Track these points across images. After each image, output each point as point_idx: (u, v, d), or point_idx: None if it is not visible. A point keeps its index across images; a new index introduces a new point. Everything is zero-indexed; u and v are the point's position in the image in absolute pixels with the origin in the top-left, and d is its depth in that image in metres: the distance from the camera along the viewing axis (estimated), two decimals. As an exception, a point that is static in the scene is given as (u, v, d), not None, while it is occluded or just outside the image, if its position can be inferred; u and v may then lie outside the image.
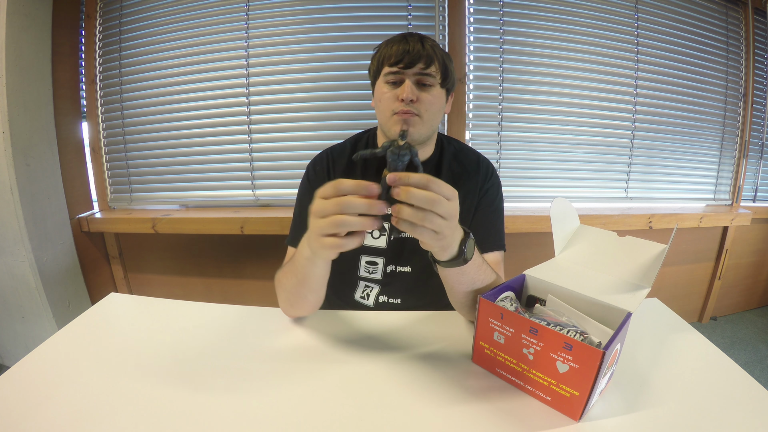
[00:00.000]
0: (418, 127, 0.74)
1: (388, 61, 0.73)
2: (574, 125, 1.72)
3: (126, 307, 0.79)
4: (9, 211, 1.36)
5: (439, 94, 0.75)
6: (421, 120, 0.74)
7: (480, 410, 0.50)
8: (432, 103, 0.74)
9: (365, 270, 0.84)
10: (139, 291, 1.84)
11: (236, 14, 1.60)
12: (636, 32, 1.71)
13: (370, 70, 0.80)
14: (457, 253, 0.55)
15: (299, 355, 0.62)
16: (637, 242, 0.62)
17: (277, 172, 1.70)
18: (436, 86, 0.74)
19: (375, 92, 0.79)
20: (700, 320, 2.07)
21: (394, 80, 0.74)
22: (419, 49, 0.71)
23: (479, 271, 0.61)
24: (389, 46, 0.74)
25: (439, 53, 0.74)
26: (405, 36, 0.74)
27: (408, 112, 0.72)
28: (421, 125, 0.74)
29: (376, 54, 0.77)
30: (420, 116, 0.73)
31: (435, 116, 0.76)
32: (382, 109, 0.76)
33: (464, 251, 0.55)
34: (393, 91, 0.73)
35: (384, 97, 0.74)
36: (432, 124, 0.77)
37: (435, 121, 0.77)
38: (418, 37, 0.74)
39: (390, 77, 0.74)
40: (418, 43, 0.72)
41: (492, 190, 0.84)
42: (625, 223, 1.70)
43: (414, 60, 0.71)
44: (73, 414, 0.49)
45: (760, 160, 1.96)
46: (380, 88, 0.76)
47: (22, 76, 1.35)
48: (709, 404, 0.51)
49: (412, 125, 0.73)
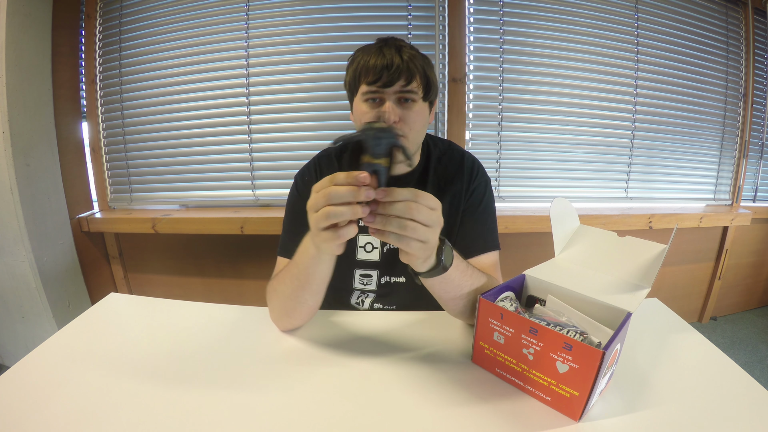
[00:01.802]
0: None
1: (365, 78, 0.68)
2: (574, 125, 1.72)
3: (126, 307, 0.79)
4: (9, 211, 1.36)
5: (422, 109, 0.72)
6: (407, 139, 0.71)
7: (480, 410, 0.50)
8: (415, 120, 0.70)
9: (360, 282, 0.83)
10: (139, 291, 1.84)
11: (236, 14, 1.60)
12: (636, 32, 1.71)
13: (345, 81, 0.75)
14: (435, 262, 0.53)
15: (298, 355, 0.62)
16: (637, 242, 0.62)
17: (277, 172, 1.70)
18: (418, 101, 0.71)
19: (354, 109, 0.75)
20: (700, 320, 2.07)
21: (373, 98, 0.69)
22: (398, 63, 0.66)
23: (464, 276, 0.59)
24: (365, 58, 0.69)
25: (419, 64, 0.70)
26: (381, 47, 0.69)
27: None
28: (406, 144, 0.71)
29: (352, 65, 0.72)
30: (405, 137, 0.70)
31: (420, 132, 0.73)
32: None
33: (442, 259, 0.53)
34: (373, 112, 0.69)
35: (364, 118, 0.70)
36: (417, 141, 0.74)
37: (420, 136, 0.75)
38: (395, 47, 0.69)
39: (368, 95, 0.69)
40: (396, 56, 0.67)
41: (479, 189, 0.81)
42: (625, 223, 1.70)
43: (393, 78, 0.66)
44: (73, 414, 0.49)
45: (760, 160, 1.96)
46: (359, 106, 0.72)
47: (22, 76, 1.35)
48: (709, 404, 0.51)
49: None
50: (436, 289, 0.59)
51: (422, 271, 0.55)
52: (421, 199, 0.47)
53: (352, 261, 0.82)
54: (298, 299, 0.64)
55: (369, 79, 0.68)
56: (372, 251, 0.81)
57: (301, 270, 0.60)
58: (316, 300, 0.66)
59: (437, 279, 0.56)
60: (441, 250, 0.53)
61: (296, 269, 0.61)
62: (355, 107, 0.74)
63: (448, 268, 0.55)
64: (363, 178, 0.45)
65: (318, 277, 0.61)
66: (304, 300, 0.64)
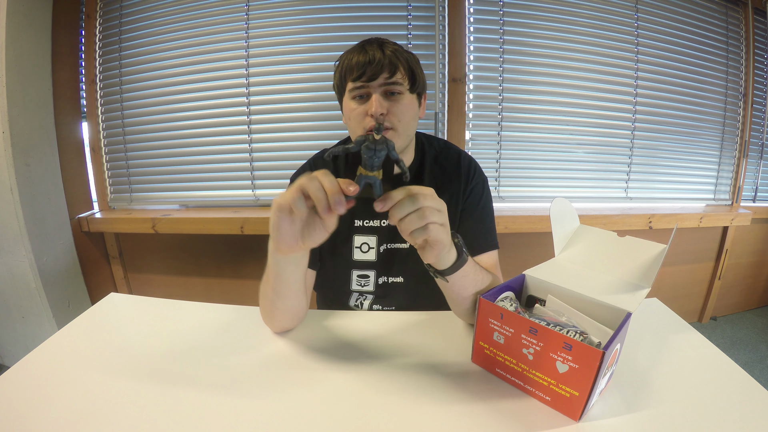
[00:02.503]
0: (394, 139, 0.71)
1: (350, 75, 0.69)
2: (574, 125, 1.72)
3: (126, 307, 0.79)
4: (9, 211, 1.36)
5: (409, 100, 0.72)
6: (396, 132, 0.71)
7: (480, 410, 0.50)
8: (404, 112, 0.71)
9: (357, 283, 0.83)
10: (139, 291, 1.84)
11: (236, 14, 1.60)
12: (636, 32, 1.71)
13: (334, 84, 0.77)
14: (457, 255, 0.55)
15: (298, 355, 0.62)
16: (637, 242, 0.62)
17: (277, 172, 1.70)
18: (405, 93, 0.71)
19: (344, 109, 0.75)
20: (700, 320, 2.07)
21: (360, 94, 0.70)
22: (380, 57, 0.68)
23: (476, 270, 0.61)
24: (349, 57, 0.70)
25: (403, 58, 0.71)
26: (363, 45, 0.71)
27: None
28: (396, 137, 0.71)
29: (338, 68, 0.73)
30: (394, 129, 0.70)
31: (409, 125, 0.73)
32: (353, 127, 0.73)
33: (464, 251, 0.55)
34: (361, 107, 0.70)
35: (353, 114, 0.71)
36: (408, 133, 0.74)
37: (410, 129, 0.75)
38: (377, 44, 0.70)
39: (355, 92, 0.70)
40: (378, 51, 0.68)
41: (477, 189, 0.81)
42: (625, 223, 1.70)
43: (376, 71, 0.67)
44: (73, 414, 0.49)
45: (760, 160, 1.96)
46: (348, 104, 0.72)
47: (22, 76, 1.35)
48: (709, 404, 0.51)
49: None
50: (457, 287, 0.60)
51: (447, 267, 0.56)
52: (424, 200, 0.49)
53: (349, 262, 0.81)
54: (276, 303, 0.64)
55: (353, 75, 0.69)
56: (368, 251, 0.81)
57: (270, 275, 0.60)
58: (297, 303, 0.65)
59: (459, 275, 0.58)
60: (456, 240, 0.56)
61: (266, 275, 0.62)
62: (345, 106, 0.74)
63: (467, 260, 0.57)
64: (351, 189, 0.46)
65: (286, 280, 0.60)
66: (283, 303, 0.64)
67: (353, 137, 0.75)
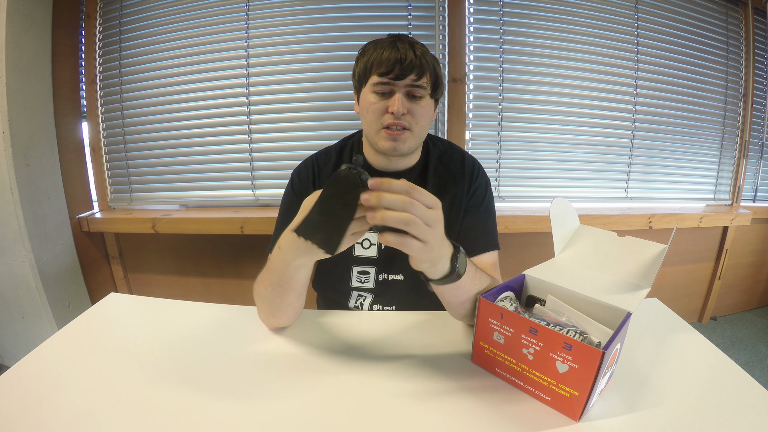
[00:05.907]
0: (408, 141, 0.72)
1: (377, 69, 0.69)
2: (573, 125, 1.72)
3: (126, 307, 0.79)
4: (9, 211, 1.36)
5: (428, 105, 0.73)
6: (411, 134, 0.72)
7: (480, 410, 0.50)
8: (422, 115, 0.72)
9: (357, 280, 0.83)
10: (139, 291, 1.84)
11: (236, 14, 1.60)
12: (636, 32, 1.71)
13: (354, 72, 0.76)
14: (449, 270, 0.53)
15: (298, 355, 0.62)
16: (637, 242, 0.62)
17: (277, 172, 1.69)
18: (426, 97, 0.72)
19: (360, 99, 0.75)
20: (700, 320, 2.07)
21: (382, 90, 0.70)
22: (412, 58, 0.67)
23: (474, 281, 0.59)
24: (378, 51, 0.69)
25: (430, 61, 0.71)
26: (395, 41, 0.70)
27: (398, 125, 0.70)
28: (411, 139, 0.72)
29: (363, 57, 0.72)
30: (410, 130, 0.71)
31: (424, 128, 0.74)
32: (369, 120, 0.73)
33: (456, 267, 0.52)
34: (382, 103, 0.70)
35: (372, 108, 0.71)
36: (421, 135, 0.75)
37: (424, 132, 0.75)
38: (408, 43, 0.70)
39: (378, 87, 0.70)
40: (409, 51, 0.68)
41: (480, 190, 0.82)
42: (625, 223, 1.70)
43: (406, 71, 0.67)
44: (73, 414, 0.49)
45: (760, 160, 1.96)
46: (367, 96, 0.72)
47: (22, 76, 1.35)
48: (709, 404, 0.51)
49: (402, 141, 0.71)
50: (447, 295, 0.59)
51: (435, 278, 0.54)
52: (416, 194, 0.44)
53: (350, 257, 0.82)
54: (281, 304, 0.64)
55: (381, 70, 0.69)
56: (369, 248, 0.81)
57: (282, 278, 0.60)
58: (301, 301, 0.66)
59: (449, 286, 0.55)
60: (456, 258, 0.53)
61: (275, 277, 0.60)
62: (363, 98, 0.74)
63: (462, 276, 0.54)
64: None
65: (299, 283, 0.61)
66: (289, 303, 0.64)
67: (366, 129, 0.76)
